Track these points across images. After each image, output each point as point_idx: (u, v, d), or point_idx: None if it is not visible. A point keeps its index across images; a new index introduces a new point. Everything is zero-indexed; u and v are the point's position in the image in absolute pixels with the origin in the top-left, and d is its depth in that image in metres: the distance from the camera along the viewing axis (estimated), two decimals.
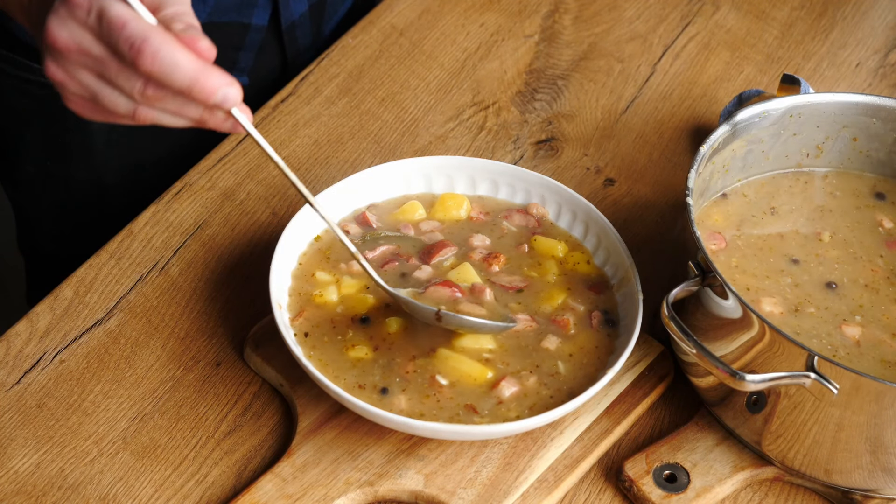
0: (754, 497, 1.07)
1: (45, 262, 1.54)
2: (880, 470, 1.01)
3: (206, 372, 1.11)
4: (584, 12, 1.48)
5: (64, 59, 0.91)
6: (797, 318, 1.06)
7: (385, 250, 1.12)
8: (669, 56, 1.44)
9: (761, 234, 1.13)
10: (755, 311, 0.97)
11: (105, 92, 0.91)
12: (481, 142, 1.33)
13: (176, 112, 0.92)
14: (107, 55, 0.90)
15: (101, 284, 1.17)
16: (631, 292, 1.09)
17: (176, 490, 1.04)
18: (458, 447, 1.05)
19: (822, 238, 1.13)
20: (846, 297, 1.08)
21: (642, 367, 1.12)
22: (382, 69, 1.39)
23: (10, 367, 1.10)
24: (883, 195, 1.17)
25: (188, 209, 1.24)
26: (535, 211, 1.17)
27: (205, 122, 0.93)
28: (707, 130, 1.35)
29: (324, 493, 1.02)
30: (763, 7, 1.51)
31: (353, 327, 1.07)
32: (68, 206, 1.47)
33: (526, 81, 1.39)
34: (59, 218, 1.49)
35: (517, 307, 1.09)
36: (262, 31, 1.37)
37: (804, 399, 0.98)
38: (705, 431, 1.08)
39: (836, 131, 1.16)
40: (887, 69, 1.44)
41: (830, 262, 1.11)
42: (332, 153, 1.30)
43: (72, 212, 1.47)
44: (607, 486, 1.07)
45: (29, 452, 1.05)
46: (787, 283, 1.09)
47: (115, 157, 1.41)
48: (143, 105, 0.91)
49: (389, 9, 1.45)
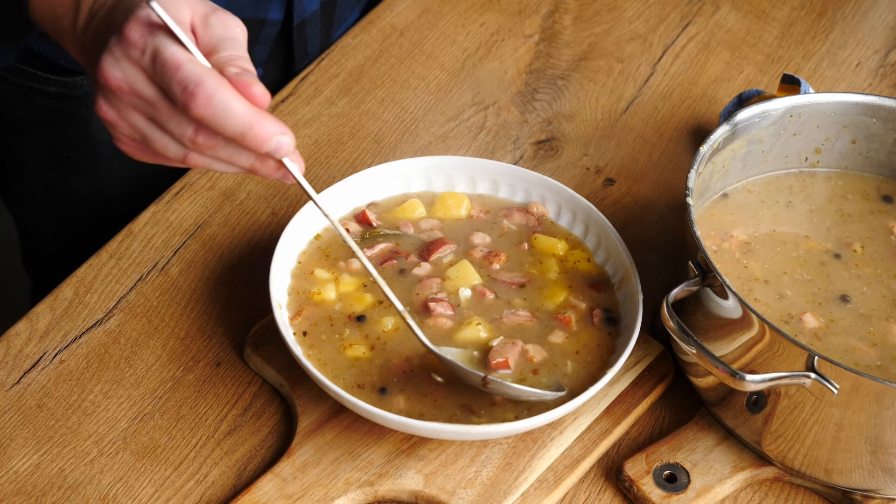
0: (754, 497, 1.07)
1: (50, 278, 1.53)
2: (880, 470, 1.01)
3: (206, 372, 1.11)
4: (584, 12, 1.48)
5: (116, 98, 0.89)
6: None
7: (384, 248, 1.12)
8: (669, 56, 1.44)
9: (761, 235, 1.13)
10: (755, 310, 0.97)
11: (156, 136, 0.90)
12: (481, 142, 1.33)
13: (227, 160, 0.91)
14: (158, 98, 0.88)
15: (101, 284, 1.17)
16: (631, 292, 1.09)
17: (176, 490, 1.04)
18: (458, 447, 1.05)
19: (815, 241, 1.13)
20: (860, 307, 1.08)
21: (642, 367, 1.12)
22: (382, 69, 1.39)
23: (10, 367, 1.10)
24: (890, 198, 1.17)
25: (188, 209, 1.24)
26: (535, 209, 1.17)
27: (256, 170, 0.92)
28: (707, 130, 1.35)
29: (324, 493, 1.02)
30: (763, 7, 1.51)
31: (349, 325, 1.07)
32: (69, 217, 1.46)
33: (526, 81, 1.39)
34: (61, 230, 1.48)
35: (519, 303, 1.09)
36: (277, 26, 1.36)
37: (804, 399, 0.98)
38: (705, 431, 1.08)
39: (836, 131, 1.16)
40: (887, 69, 1.44)
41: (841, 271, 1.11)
42: (332, 153, 1.30)
43: (73, 223, 1.46)
44: (607, 486, 1.07)
45: (29, 452, 1.05)
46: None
47: (120, 168, 1.40)
48: (193, 151, 0.90)
49: (389, 9, 1.45)
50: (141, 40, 0.87)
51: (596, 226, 1.15)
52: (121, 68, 0.88)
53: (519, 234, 1.15)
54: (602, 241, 1.14)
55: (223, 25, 0.91)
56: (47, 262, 1.53)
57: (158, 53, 0.87)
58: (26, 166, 1.42)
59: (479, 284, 1.10)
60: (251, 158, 0.91)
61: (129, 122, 0.90)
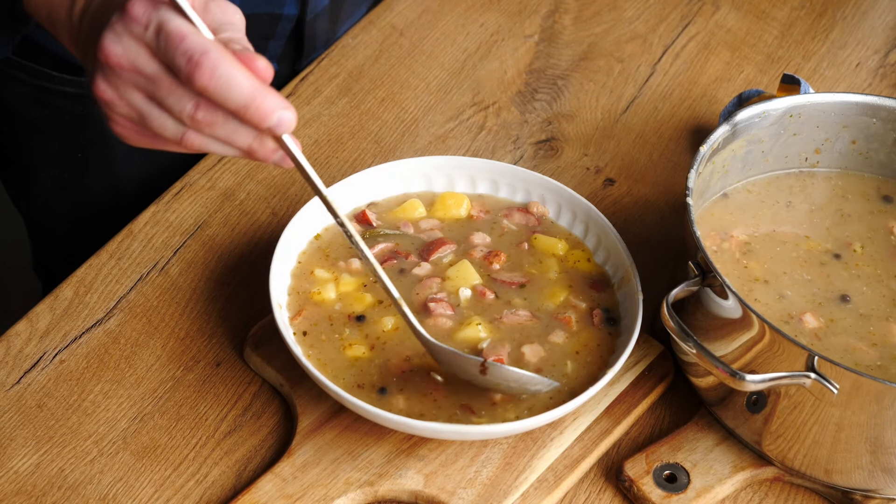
0: (754, 497, 1.07)
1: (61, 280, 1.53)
2: (880, 470, 1.01)
3: (206, 372, 1.11)
4: (584, 12, 1.48)
5: (116, 76, 0.88)
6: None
7: (384, 248, 1.12)
8: (669, 56, 1.44)
9: (761, 235, 1.13)
10: (755, 311, 0.97)
11: (154, 114, 0.89)
12: (481, 142, 1.33)
13: (225, 139, 0.89)
14: (160, 72, 0.87)
15: (101, 284, 1.17)
16: (631, 292, 1.09)
17: (176, 490, 1.04)
18: (458, 447, 1.05)
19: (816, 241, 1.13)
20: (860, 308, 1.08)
21: (642, 367, 1.12)
22: (382, 69, 1.39)
23: (10, 367, 1.10)
24: (890, 198, 1.17)
25: (188, 209, 1.24)
26: (535, 209, 1.17)
27: (254, 151, 0.90)
28: (707, 130, 1.35)
29: (324, 493, 1.02)
30: (763, 7, 1.51)
31: (349, 325, 1.07)
32: (82, 216, 1.45)
33: (526, 81, 1.39)
34: (73, 229, 1.47)
35: (519, 303, 1.09)
36: (292, 21, 1.36)
37: (804, 399, 0.98)
38: (705, 431, 1.08)
39: (836, 131, 1.16)
40: (887, 69, 1.44)
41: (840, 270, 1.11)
42: (332, 153, 1.31)
43: (86, 223, 1.45)
44: (607, 486, 1.07)
45: (29, 452, 1.05)
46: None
47: (133, 166, 1.40)
48: (191, 129, 0.88)
49: (389, 9, 1.45)
50: (144, 15, 0.86)
51: (596, 226, 1.15)
52: (122, 44, 0.87)
53: (519, 234, 1.15)
54: (602, 241, 1.14)
55: (222, 11, 0.91)
56: (59, 264, 1.53)
57: (163, 26, 0.86)
58: (40, 166, 1.42)
59: (479, 284, 1.10)
60: (250, 137, 0.89)
61: (128, 100, 0.89)
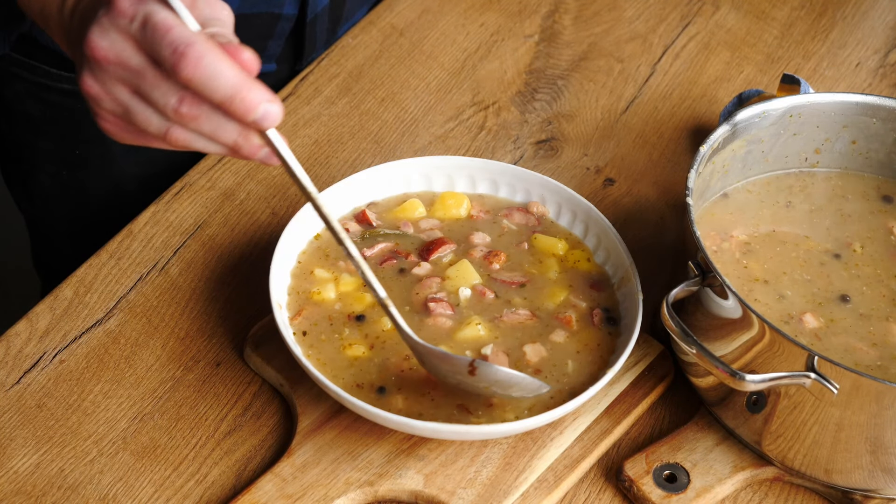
0: (754, 497, 1.07)
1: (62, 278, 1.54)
2: (880, 470, 1.01)
3: (206, 372, 1.11)
4: (584, 12, 1.48)
5: (102, 70, 0.88)
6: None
7: (383, 247, 1.12)
8: (669, 56, 1.44)
9: (761, 235, 1.13)
10: (755, 311, 0.97)
11: (138, 108, 0.88)
12: (481, 142, 1.33)
13: (210, 134, 0.88)
14: (145, 66, 0.87)
15: (101, 284, 1.17)
16: (631, 292, 1.09)
17: (176, 490, 1.04)
18: (458, 447, 1.05)
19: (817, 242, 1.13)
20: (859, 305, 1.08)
21: (642, 367, 1.12)
22: (382, 69, 1.39)
23: (9, 367, 1.10)
24: (890, 198, 1.17)
25: (188, 209, 1.24)
26: (535, 209, 1.17)
27: (238, 147, 0.89)
28: (707, 130, 1.35)
29: (324, 493, 1.02)
30: (763, 7, 1.51)
31: (349, 325, 1.07)
32: (82, 215, 1.45)
33: (526, 81, 1.39)
34: (74, 228, 1.47)
35: (519, 303, 1.09)
36: (291, 21, 1.36)
37: (804, 399, 0.98)
38: (705, 431, 1.08)
39: (836, 131, 1.16)
40: (887, 69, 1.44)
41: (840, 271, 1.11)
42: (332, 153, 1.31)
43: (86, 221, 1.45)
44: (607, 486, 1.07)
45: (29, 452, 1.05)
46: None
47: (134, 165, 1.40)
48: (176, 124, 0.88)
49: (389, 9, 1.45)
50: (131, 9, 0.86)
51: (596, 226, 1.15)
52: (108, 38, 0.87)
53: (519, 234, 1.15)
54: (602, 240, 1.14)
55: (210, 6, 0.90)
56: (59, 262, 1.53)
57: (149, 18, 0.86)
58: (40, 164, 1.42)
59: (479, 284, 1.10)
60: (235, 132, 0.88)
61: (113, 95, 0.89)
